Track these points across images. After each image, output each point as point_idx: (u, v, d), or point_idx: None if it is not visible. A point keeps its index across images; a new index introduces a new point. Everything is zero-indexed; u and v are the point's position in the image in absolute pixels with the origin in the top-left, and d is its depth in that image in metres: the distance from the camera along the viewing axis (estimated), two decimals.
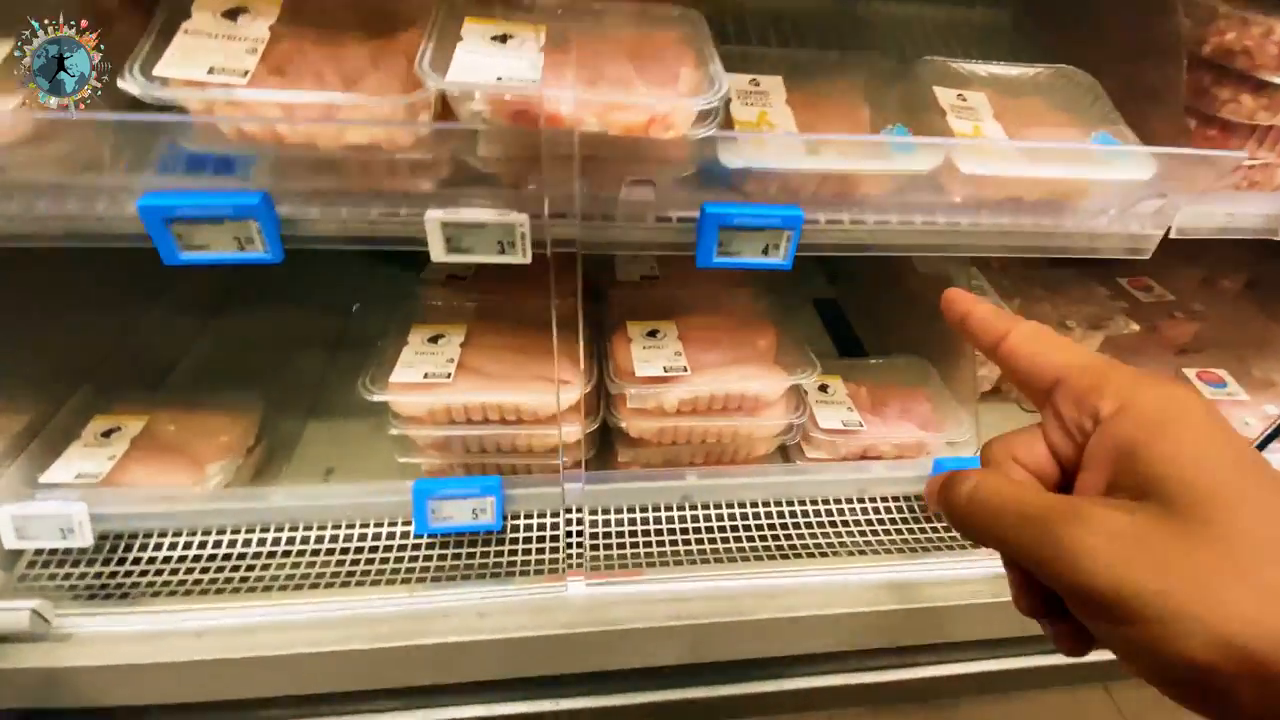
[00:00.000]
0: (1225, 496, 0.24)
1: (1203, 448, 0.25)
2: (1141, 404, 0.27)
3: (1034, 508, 0.27)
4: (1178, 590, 0.23)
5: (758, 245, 0.66)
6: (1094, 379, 0.29)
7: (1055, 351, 0.31)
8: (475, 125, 0.54)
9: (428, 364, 0.77)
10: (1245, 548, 0.23)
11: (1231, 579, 0.23)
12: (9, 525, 0.73)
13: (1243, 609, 0.22)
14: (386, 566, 0.78)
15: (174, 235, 0.58)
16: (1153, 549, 0.24)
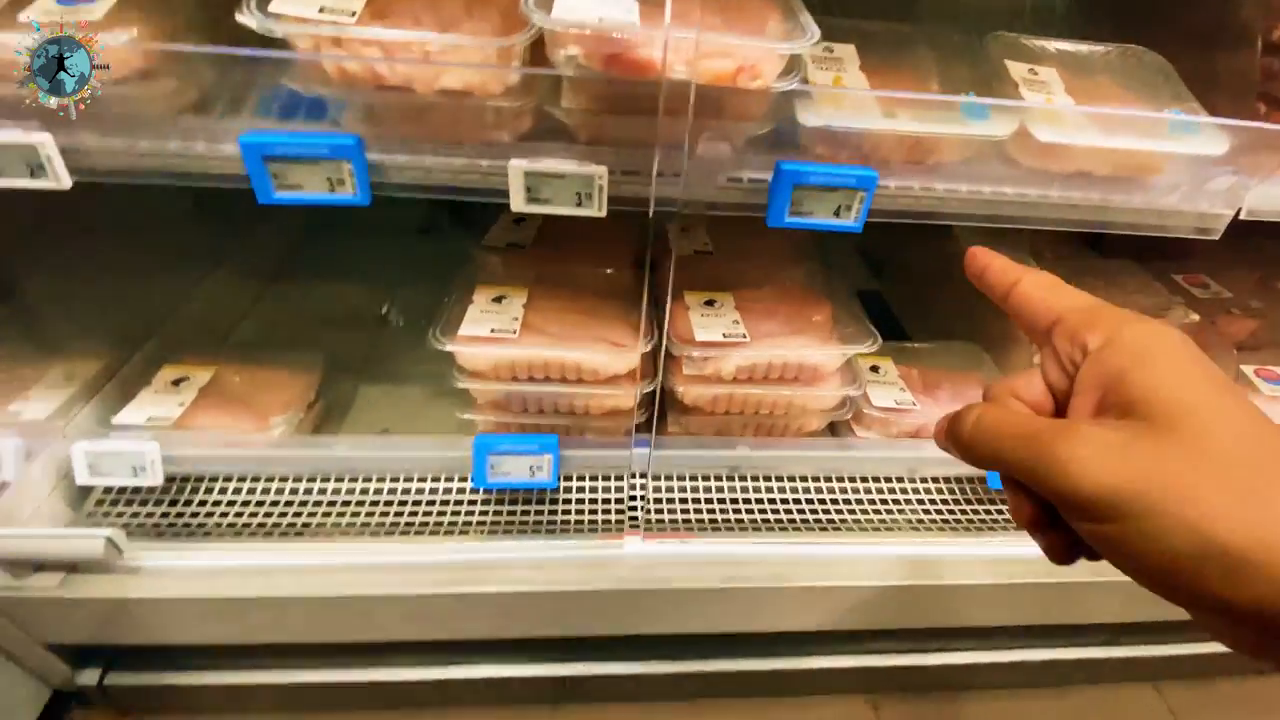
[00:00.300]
0: (1200, 413, 0.27)
1: (1180, 373, 0.28)
2: (1127, 336, 0.30)
3: (1031, 428, 0.30)
4: (1157, 490, 0.26)
5: (830, 206, 0.66)
6: (1087, 316, 0.32)
7: (1058, 295, 0.34)
8: (569, 70, 0.55)
9: (493, 321, 0.79)
10: (1216, 454, 0.26)
11: (1204, 480, 0.25)
12: (83, 461, 0.76)
13: (1213, 505, 0.25)
14: (444, 519, 0.80)
15: (270, 174, 0.60)
16: (1135, 457, 0.27)
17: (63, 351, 0.91)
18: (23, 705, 0.82)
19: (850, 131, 0.64)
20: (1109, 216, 0.74)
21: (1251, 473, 0.25)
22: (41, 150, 0.59)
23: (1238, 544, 0.24)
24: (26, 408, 0.83)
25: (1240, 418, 0.27)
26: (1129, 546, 0.27)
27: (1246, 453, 0.26)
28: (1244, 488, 0.25)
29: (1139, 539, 0.26)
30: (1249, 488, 0.25)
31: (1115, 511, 0.26)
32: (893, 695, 0.93)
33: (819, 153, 0.68)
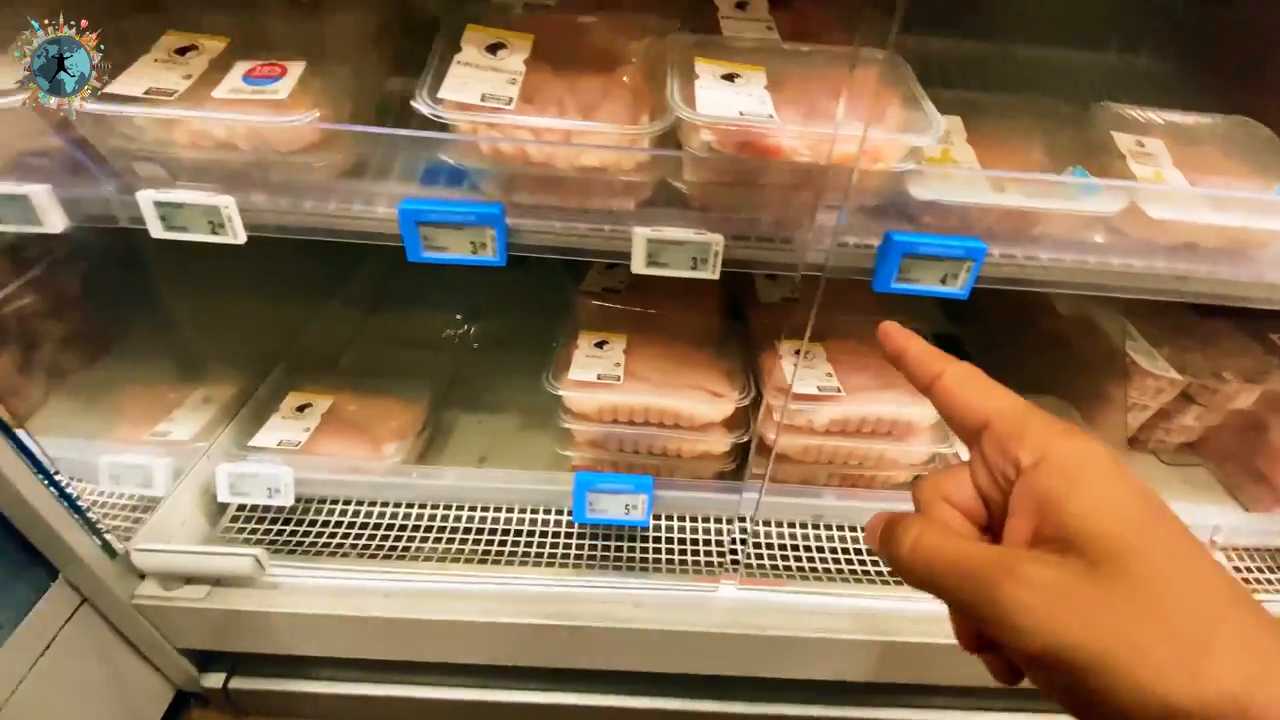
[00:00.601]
0: (1137, 548, 0.26)
1: (1113, 501, 0.27)
2: (1057, 456, 0.29)
3: (971, 564, 0.29)
4: (1104, 642, 0.25)
5: (937, 274, 0.69)
6: (1015, 427, 0.31)
7: (984, 396, 0.33)
8: (703, 154, 0.60)
9: (598, 366, 0.84)
10: (1159, 601, 0.25)
11: (1150, 634, 0.25)
12: (225, 481, 0.83)
13: (1160, 662, 0.24)
14: (544, 550, 0.84)
15: (421, 236, 0.67)
16: (1078, 603, 0.26)
17: (201, 374, 1.00)
18: (151, 704, 0.90)
19: (958, 205, 0.67)
20: (1217, 289, 0.74)
21: (1192, 620, 0.25)
22: (224, 211, 0.66)
23: (1183, 705, 0.24)
24: (173, 428, 0.91)
25: (1176, 551, 0.26)
26: (1079, 699, 0.26)
27: (1187, 594, 0.25)
28: (1187, 640, 0.24)
29: (1087, 693, 0.25)
30: (1191, 639, 0.24)
31: (1066, 667, 0.25)
32: None
33: (926, 222, 0.70)
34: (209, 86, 0.65)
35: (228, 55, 0.69)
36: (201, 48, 0.69)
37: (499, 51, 0.65)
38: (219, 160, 0.67)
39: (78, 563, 0.72)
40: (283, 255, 1.18)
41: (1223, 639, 0.24)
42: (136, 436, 0.90)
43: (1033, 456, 0.29)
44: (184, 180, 0.68)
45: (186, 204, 0.66)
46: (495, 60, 0.64)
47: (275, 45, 0.70)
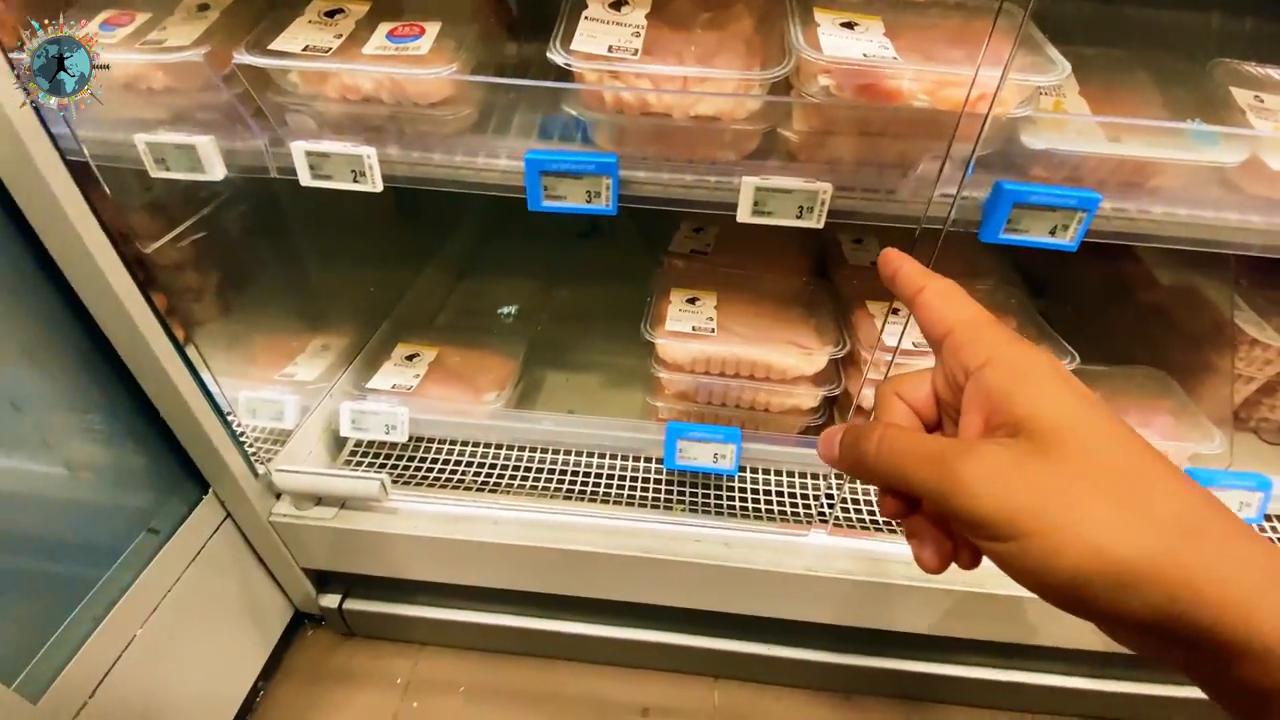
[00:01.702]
0: (1079, 430, 0.29)
1: (1057, 393, 0.30)
2: (1004, 359, 0.32)
3: (933, 449, 0.31)
4: (1050, 506, 0.27)
5: (1047, 225, 0.69)
6: (972, 333, 0.34)
7: (953, 307, 0.35)
8: (821, 97, 0.62)
9: (692, 319, 0.87)
10: (1100, 470, 0.28)
11: (1094, 497, 0.27)
12: (348, 417, 0.91)
13: (1104, 520, 0.26)
14: (634, 492, 0.88)
15: (543, 186, 0.71)
16: (1029, 477, 0.28)
17: (318, 326, 1.08)
18: (274, 619, 0.99)
19: (1072, 154, 0.67)
20: None
21: (1131, 485, 0.27)
22: (366, 160, 0.73)
23: (1128, 557, 0.26)
24: (298, 370, 1.00)
25: (1113, 432, 0.29)
26: (1030, 563, 0.28)
27: (1124, 465, 0.28)
28: (1127, 501, 0.27)
29: (1039, 555, 0.27)
30: (1130, 501, 0.27)
31: (1016, 530, 0.27)
32: None
33: (1035, 174, 0.71)
34: (358, 44, 0.72)
35: (371, 17, 0.75)
36: (348, 10, 0.75)
37: (622, 8, 0.69)
38: (358, 115, 0.74)
39: (229, 479, 0.80)
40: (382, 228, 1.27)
41: (1158, 498, 0.27)
42: (267, 377, 0.99)
43: (983, 359, 0.32)
44: (331, 129, 0.75)
45: (333, 154, 0.73)
46: (619, 15, 0.68)
47: (407, 10, 0.76)
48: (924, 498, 0.32)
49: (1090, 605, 0.27)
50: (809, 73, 0.62)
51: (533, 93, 0.72)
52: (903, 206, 0.73)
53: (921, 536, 0.33)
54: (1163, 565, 0.26)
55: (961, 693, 0.91)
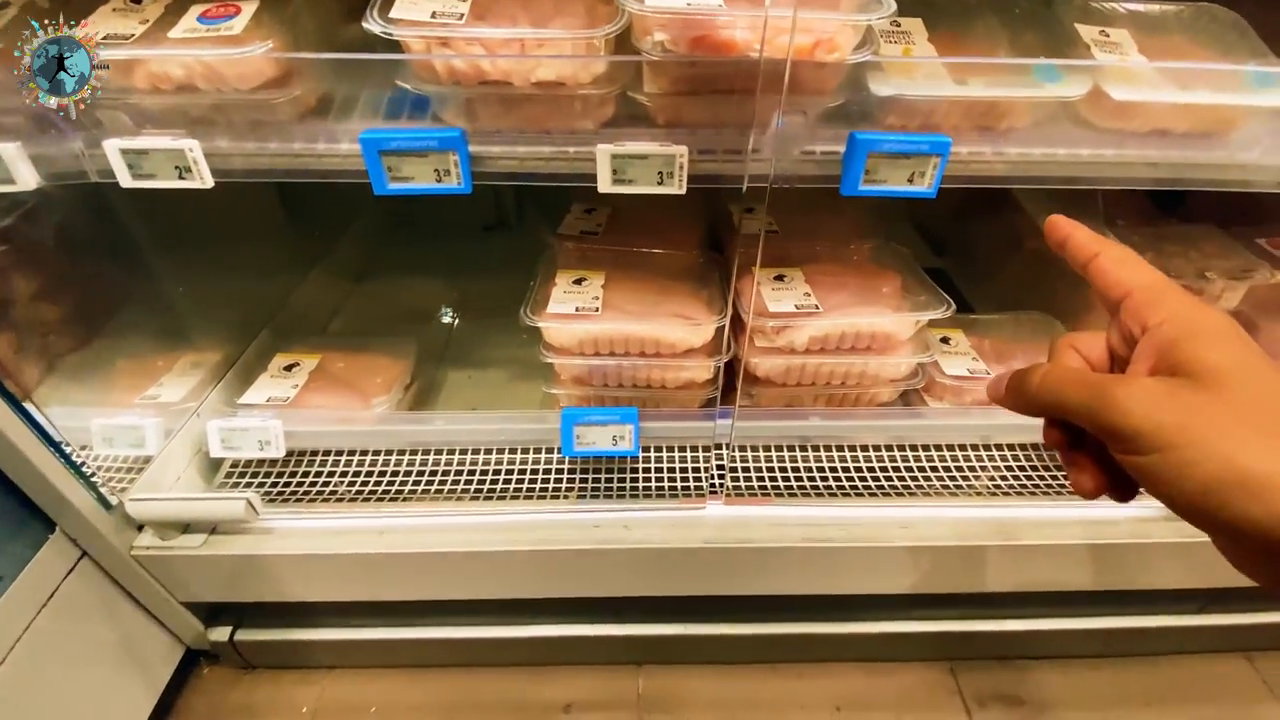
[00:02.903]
0: (1234, 373, 0.32)
1: (1223, 344, 0.33)
2: (1183, 315, 0.35)
3: (1093, 378, 0.36)
4: (1195, 426, 0.31)
5: (904, 173, 0.68)
6: (1153, 295, 0.37)
7: (1131, 271, 0.38)
8: (656, 55, 0.60)
9: (576, 300, 0.84)
10: (1245, 403, 0.31)
11: (1233, 421, 0.31)
12: (217, 436, 0.84)
13: (1240, 439, 0.30)
14: (535, 485, 0.85)
15: (385, 167, 0.67)
16: (1179, 401, 0.32)
17: (189, 343, 1.01)
18: (160, 660, 0.91)
19: (922, 99, 0.66)
20: (1189, 174, 0.74)
21: (1274, 418, 0.31)
22: (189, 154, 0.67)
23: (1261, 469, 0.29)
24: (162, 392, 0.92)
25: (1269, 379, 0.32)
26: (1169, 473, 0.31)
27: (1272, 403, 0.31)
28: (1266, 428, 0.30)
29: (1178, 466, 0.31)
30: (1271, 429, 0.30)
31: (1160, 442, 0.32)
32: (972, 663, 0.94)
33: (890, 123, 0.70)
34: (165, 29, 0.66)
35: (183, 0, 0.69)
36: None
37: None
38: (182, 105, 0.68)
39: (73, 514, 0.73)
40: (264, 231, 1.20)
41: None
42: (127, 402, 0.91)
43: (1162, 317, 0.35)
44: (150, 129, 0.69)
45: (152, 149, 0.66)
46: None
47: None
48: (1080, 418, 0.35)
49: (1218, 514, 0.30)
50: (643, 30, 0.60)
51: (369, 71, 0.68)
52: (765, 165, 0.72)
53: (1080, 466, 0.37)
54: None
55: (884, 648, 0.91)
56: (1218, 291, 0.96)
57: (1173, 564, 0.83)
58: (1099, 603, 0.89)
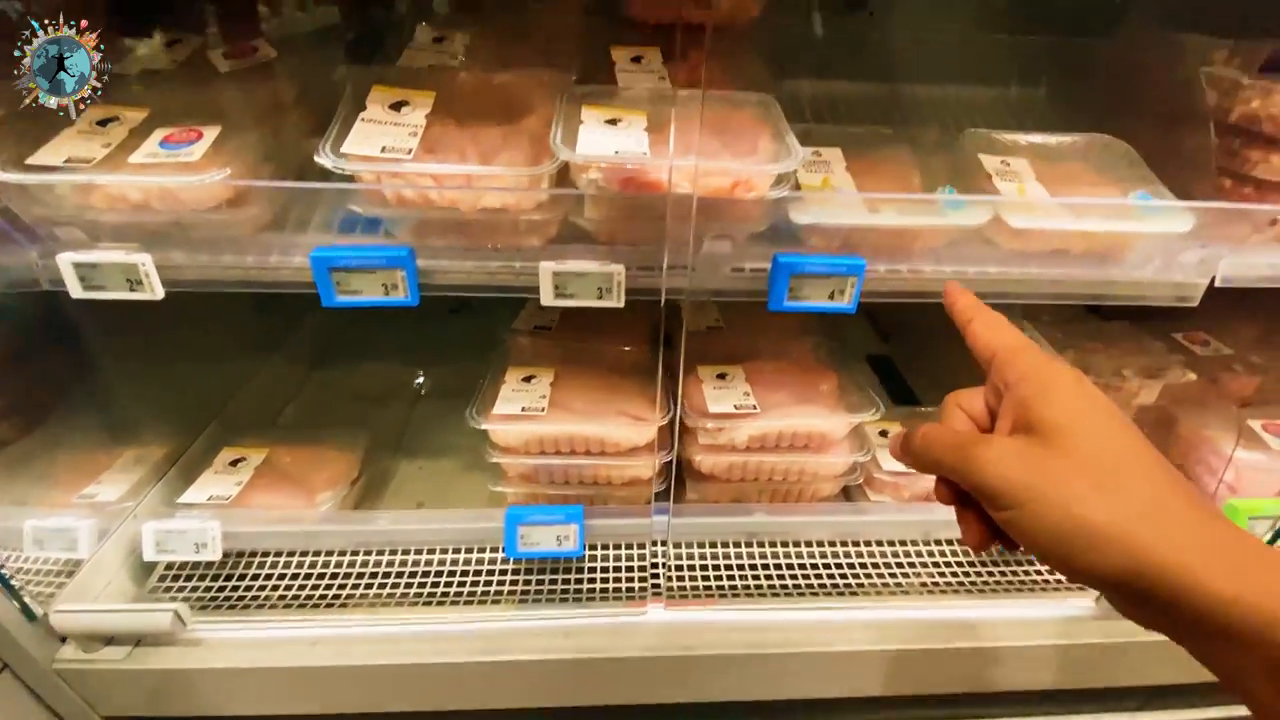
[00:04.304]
0: (1075, 429, 0.36)
1: (1068, 402, 0.38)
2: (1033, 375, 0.40)
3: (961, 439, 0.40)
4: (1041, 483, 0.35)
5: (825, 290, 0.73)
6: (1011, 356, 0.42)
7: (997, 334, 0.44)
8: (589, 191, 0.65)
9: (523, 399, 0.86)
10: (1085, 458, 0.35)
11: (1075, 476, 0.35)
12: (151, 539, 0.83)
13: (1081, 493, 0.34)
14: (478, 588, 0.84)
15: (334, 281, 0.70)
16: (1028, 459, 0.36)
17: (134, 436, 1.00)
18: None
19: (836, 227, 0.72)
20: (1090, 290, 0.80)
21: (1110, 471, 0.35)
22: (141, 268, 0.69)
23: (1100, 522, 0.33)
24: (101, 490, 0.91)
25: (1108, 432, 0.36)
26: (1026, 527, 0.35)
27: (1108, 457, 0.35)
28: (1104, 482, 0.34)
29: (1032, 520, 0.35)
30: (1108, 482, 0.34)
31: (1015, 499, 0.36)
32: None
33: (814, 244, 0.76)
34: (127, 153, 0.69)
35: (148, 124, 0.73)
36: (123, 118, 0.73)
37: (402, 109, 0.70)
38: (139, 222, 0.70)
39: None
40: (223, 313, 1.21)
41: (1133, 482, 0.35)
42: (64, 501, 0.90)
43: (1018, 375, 0.40)
44: (106, 241, 0.71)
45: (103, 263, 0.69)
46: (398, 116, 0.69)
47: (197, 114, 0.74)
48: (954, 476, 0.39)
49: (1070, 563, 0.34)
50: (579, 168, 0.65)
51: (322, 196, 0.71)
52: (699, 279, 0.76)
53: (967, 520, 0.40)
54: (1127, 531, 0.33)
55: None
56: (1135, 389, 1.02)
57: (1110, 661, 0.84)
58: (1042, 701, 0.90)
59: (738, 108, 0.73)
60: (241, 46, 0.83)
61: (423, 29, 0.82)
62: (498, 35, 0.86)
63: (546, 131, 0.73)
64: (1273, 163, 0.82)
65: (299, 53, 0.94)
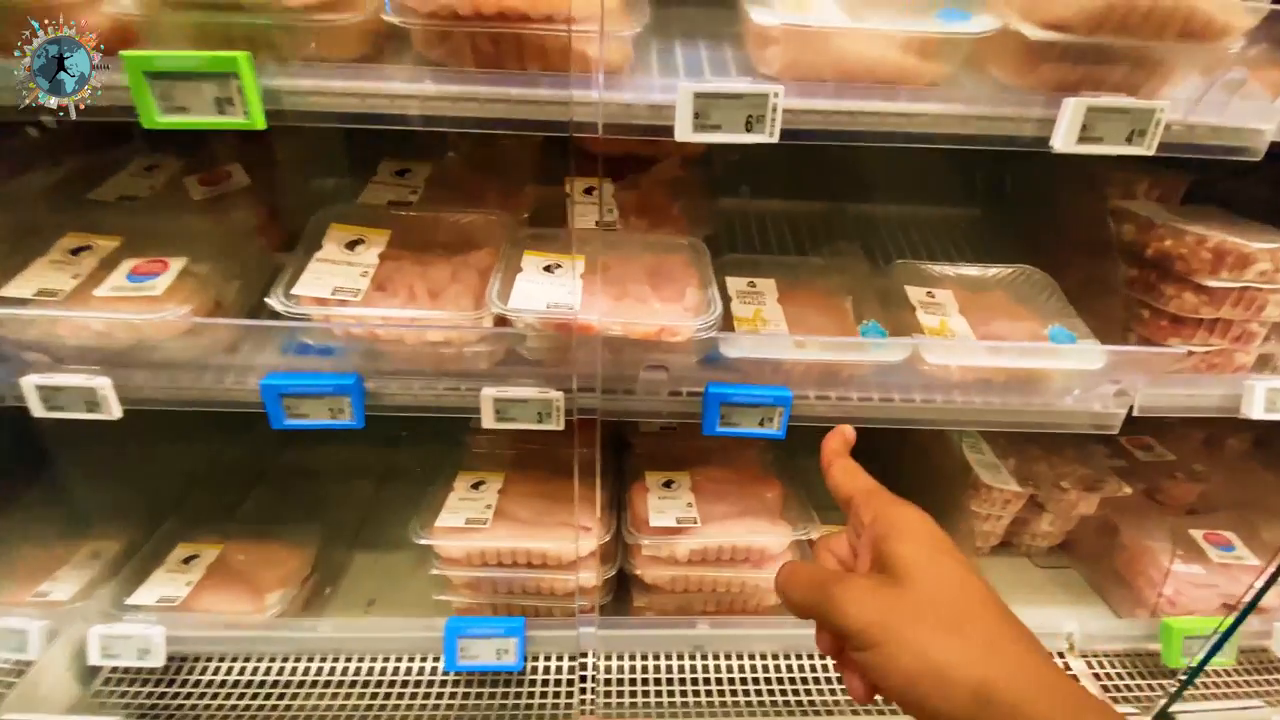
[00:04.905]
0: (921, 570, 0.39)
1: (914, 543, 0.41)
2: (883, 516, 0.43)
3: (820, 577, 0.43)
4: (892, 623, 0.37)
5: (755, 418, 0.77)
6: (866, 498, 0.45)
7: (852, 479, 0.47)
8: (526, 331, 0.69)
9: (469, 510, 0.89)
10: (930, 600, 0.38)
11: (923, 618, 0.37)
12: (97, 644, 0.84)
13: (928, 635, 0.37)
14: (416, 700, 0.85)
15: (284, 406, 0.73)
16: (880, 599, 0.39)
17: (93, 528, 1.01)
18: None
19: (762, 360, 0.76)
20: (1013, 417, 0.83)
21: (953, 612, 0.38)
22: (100, 392, 0.73)
23: (945, 663, 0.35)
24: (55, 588, 0.92)
25: (950, 574, 0.39)
26: (881, 668, 0.37)
27: (951, 599, 0.38)
28: (947, 623, 0.37)
29: (885, 660, 0.37)
30: (951, 624, 0.37)
31: (869, 639, 0.37)
32: None
33: (748, 370, 0.80)
34: (95, 284, 0.74)
35: (119, 253, 0.78)
36: (95, 247, 0.78)
37: (357, 247, 0.75)
38: (102, 346, 0.74)
39: None
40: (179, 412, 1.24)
41: (972, 623, 0.37)
42: (19, 599, 0.91)
43: (871, 517, 0.43)
44: (70, 363, 0.75)
45: (65, 387, 0.72)
46: (352, 255, 0.74)
47: (167, 241, 0.79)
48: (814, 617, 0.42)
49: (923, 705, 0.36)
50: (518, 315, 0.69)
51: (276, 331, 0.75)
52: (639, 403, 0.80)
53: (850, 673, 0.41)
54: (972, 674, 0.35)
55: None
56: (1074, 500, 1.05)
57: None
58: None
59: (670, 252, 0.78)
60: (216, 173, 0.88)
61: (385, 164, 0.87)
62: (460, 165, 0.93)
63: (494, 266, 0.78)
64: (1185, 299, 0.86)
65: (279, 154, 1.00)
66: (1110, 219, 0.93)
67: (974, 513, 1.03)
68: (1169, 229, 0.88)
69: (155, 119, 0.57)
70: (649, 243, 0.79)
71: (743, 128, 0.58)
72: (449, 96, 0.61)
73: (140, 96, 0.56)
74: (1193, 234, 0.85)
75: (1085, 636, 0.96)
